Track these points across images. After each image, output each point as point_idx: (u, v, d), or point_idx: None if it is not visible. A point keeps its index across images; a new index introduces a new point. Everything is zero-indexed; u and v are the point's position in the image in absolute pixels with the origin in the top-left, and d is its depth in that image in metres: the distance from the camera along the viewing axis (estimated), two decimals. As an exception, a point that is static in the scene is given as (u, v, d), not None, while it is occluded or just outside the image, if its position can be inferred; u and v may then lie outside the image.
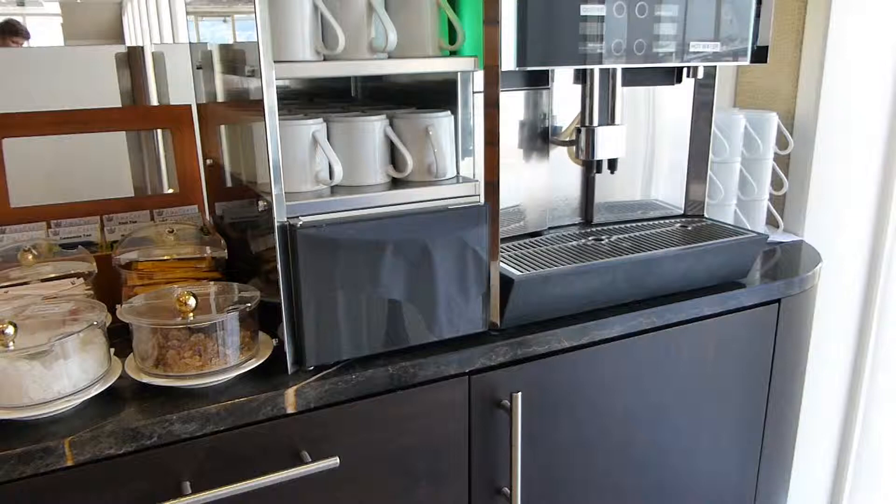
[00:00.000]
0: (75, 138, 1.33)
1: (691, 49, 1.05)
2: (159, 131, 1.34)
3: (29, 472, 0.74)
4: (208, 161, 1.25)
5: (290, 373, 0.88)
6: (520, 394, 0.97)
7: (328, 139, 0.92)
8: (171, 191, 1.37)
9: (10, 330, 0.76)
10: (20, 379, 0.76)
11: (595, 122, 1.08)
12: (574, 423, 1.07)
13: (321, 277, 0.86)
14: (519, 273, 0.99)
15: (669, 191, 1.29)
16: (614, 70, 1.08)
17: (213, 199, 1.29)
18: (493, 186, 0.97)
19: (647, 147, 1.24)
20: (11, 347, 0.76)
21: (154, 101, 1.34)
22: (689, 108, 1.24)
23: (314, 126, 0.91)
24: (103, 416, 0.79)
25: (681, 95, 1.24)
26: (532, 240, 1.14)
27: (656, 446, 1.17)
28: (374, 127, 0.94)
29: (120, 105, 1.33)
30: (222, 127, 1.16)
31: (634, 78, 1.16)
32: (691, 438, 1.20)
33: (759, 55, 1.11)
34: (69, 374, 0.79)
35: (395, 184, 0.96)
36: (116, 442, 0.77)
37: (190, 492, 0.81)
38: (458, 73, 0.96)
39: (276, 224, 0.85)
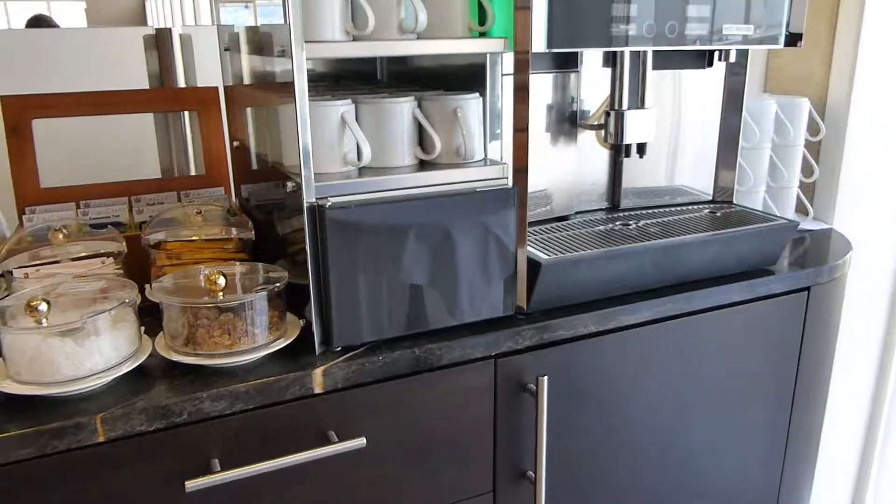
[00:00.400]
0: (103, 120, 1.34)
1: (723, 32, 1.03)
2: (186, 113, 1.34)
3: (62, 447, 0.75)
4: (235, 143, 1.25)
5: (317, 353, 0.89)
6: (546, 378, 0.97)
7: (356, 120, 0.92)
8: (197, 173, 1.37)
9: (43, 307, 0.77)
10: (53, 355, 0.77)
11: (624, 106, 1.06)
12: (599, 408, 1.07)
13: (349, 258, 0.86)
14: (546, 257, 0.98)
15: (697, 177, 1.27)
16: (645, 53, 1.06)
17: (239, 181, 1.29)
18: (522, 172, 0.96)
19: (675, 132, 1.23)
20: (45, 324, 0.77)
21: (181, 83, 1.34)
22: (720, 93, 1.22)
23: (343, 107, 0.90)
24: (134, 393, 0.80)
25: (711, 80, 1.22)
26: (558, 224, 1.14)
27: (680, 434, 1.16)
28: (403, 108, 0.93)
29: (148, 87, 1.33)
30: (250, 109, 1.16)
31: (665, 61, 1.14)
32: (716, 428, 1.19)
33: (793, 39, 1.09)
34: (101, 352, 0.80)
35: (423, 166, 0.96)
36: (147, 419, 0.78)
37: (219, 469, 0.82)
38: (488, 55, 0.95)
39: (304, 205, 0.85)
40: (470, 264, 0.93)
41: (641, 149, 1.10)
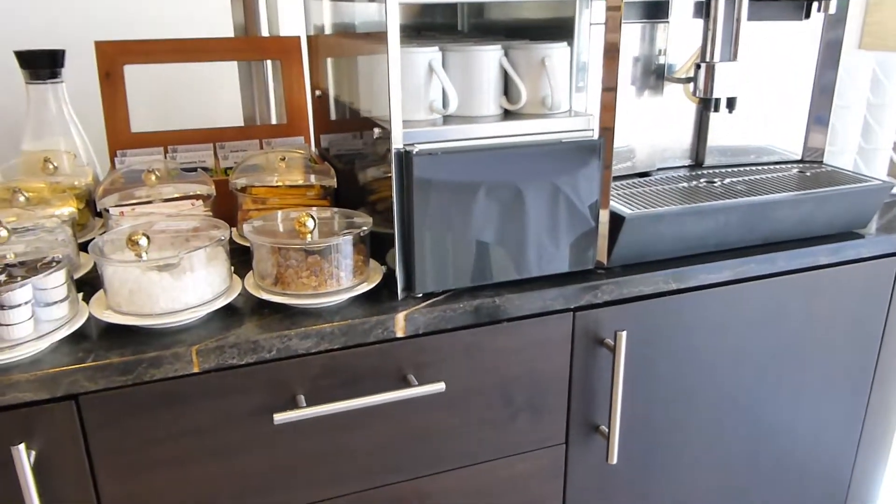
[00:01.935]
0: (188, 68, 1.37)
1: (825, -21, 0.98)
2: (269, 62, 1.36)
3: (159, 375, 0.79)
4: (317, 92, 1.26)
5: (399, 299, 0.90)
6: (625, 332, 0.96)
7: (443, 68, 0.91)
8: (278, 122, 1.39)
9: (143, 241, 0.80)
10: (152, 288, 0.80)
11: (716, 58, 1.03)
12: (675, 366, 1.06)
13: (433, 205, 0.86)
14: (629, 211, 0.97)
15: (786, 136, 1.23)
16: (740, 2, 1.02)
17: (319, 130, 1.31)
18: (609, 132, 0.94)
19: (765, 88, 1.19)
20: (144, 258, 0.80)
21: (265, 33, 1.36)
22: (815, 47, 1.17)
23: (431, 54, 0.90)
24: (226, 329, 0.83)
25: (807, 33, 1.17)
26: (641, 180, 1.12)
27: (755, 398, 1.14)
28: (490, 57, 0.93)
29: (233, 35, 1.35)
30: (333, 58, 1.17)
31: (760, 11, 1.10)
32: (793, 393, 1.17)
33: (899, -11, 1.03)
34: (195, 287, 0.82)
35: (507, 116, 0.95)
36: (239, 353, 0.81)
37: (305, 405, 0.84)
38: (577, 2, 0.93)
39: (392, 150, 0.85)
40: (552, 216, 0.92)
41: (731, 103, 1.06)
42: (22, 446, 0.74)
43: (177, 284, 0.81)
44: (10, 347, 0.75)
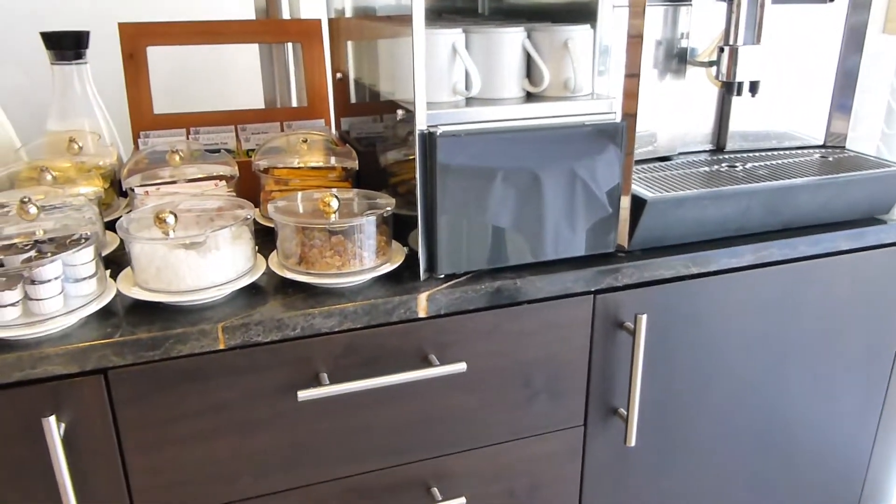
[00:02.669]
0: (210, 50, 1.38)
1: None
2: (290, 45, 1.36)
3: (185, 351, 0.80)
4: (338, 75, 1.27)
5: (422, 279, 0.91)
6: (645, 316, 0.97)
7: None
8: (299, 104, 1.40)
9: (170, 219, 0.81)
10: (179, 266, 0.81)
11: (739, 41, 1.02)
12: (693, 350, 1.06)
13: (456, 186, 0.87)
14: (651, 194, 0.97)
15: (808, 121, 1.22)
16: (765, -15, 1.02)
17: (339, 113, 1.31)
18: (632, 118, 0.94)
19: (788, 72, 1.18)
20: (172, 236, 0.81)
21: (286, 15, 1.36)
22: (839, 31, 1.16)
23: (454, 36, 0.90)
24: (251, 307, 0.84)
25: (831, 17, 1.16)
26: (662, 164, 1.12)
27: (774, 383, 1.14)
28: (513, 38, 0.93)
29: (254, 18, 1.36)
30: (355, 40, 1.17)
31: (785, -5, 1.10)
32: (811, 380, 1.17)
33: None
34: (221, 265, 0.83)
35: (530, 98, 0.95)
36: (264, 330, 0.82)
37: (328, 382, 0.85)
38: (601, -17, 0.93)
39: (416, 132, 0.86)
40: (573, 199, 0.92)
41: (754, 87, 1.06)
42: (52, 418, 0.75)
43: (203, 262, 0.82)
44: (40, 322, 0.76)
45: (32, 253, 0.78)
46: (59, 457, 0.76)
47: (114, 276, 0.87)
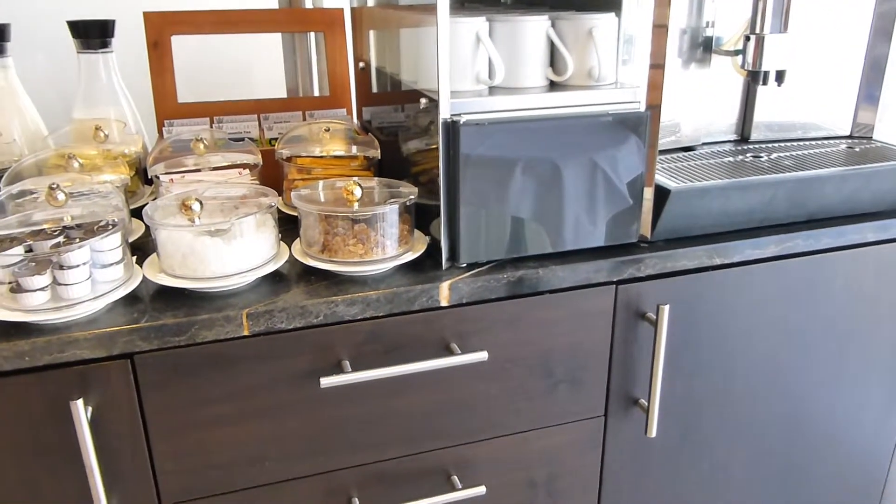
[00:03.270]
0: (233, 40, 1.38)
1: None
2: (312, 34, 1.37)
3: (210, 337, 0.81)
4: (360, 64, 1.27)
5: (444, 268, 0.91)
6: (667, 307, 0.96)
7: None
8: (321, 94, 1.40)
9: (196, 206, 0.82)
10: (204, 252, 0.82)
11: (766, 30, 1.01)
12: (715, 342, 1.06)
13: (479, 175, 0.87)
14: (675, 185, 0.96)
15: (835, 110, 1.21)
16: (792, -27, 1.01)
17: (361, 103, 1.32)
18: (656, 109, 0.93)
19: (815, 61, 1.16)
20: (198, 223, 0.82)
21: (309, 4, 1.37)
22: (868, 20, 1.15)
23: (478, 24, 0.90)
24: (275, 294, 0.84)
25: (858, 4, 1.14)
26: (685, 154, 1.11)
27: (796, 375, 1.13)
28: (537, 27, 0.92)
29: (277, 7, 1.36)
30: (377, 29, 1.17)
31: (813, -18, 1.08)
32: (834, 373, 1.16)
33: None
34: (245, 253, 0.84)
35: (553, 87, 0.95)
36: (287, 317, 0.82)
37: (350, 370, 0.86)
38: (626, -29, 0.93)
39: (440, 120, 0.86)
40: (596, 188, 0.92)
41: (780, 76, 1.05)
42: (80, 401, 0.76)
43: (228, 249, 0.83)
44: (68, 306, 0.77)
45: (61, 239, 0.79)
46: (87, 439, 0.77)
47: (139, 262, 0.88)
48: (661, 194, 0.95)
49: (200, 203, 0.82)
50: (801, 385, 1.15)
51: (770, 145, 1.15)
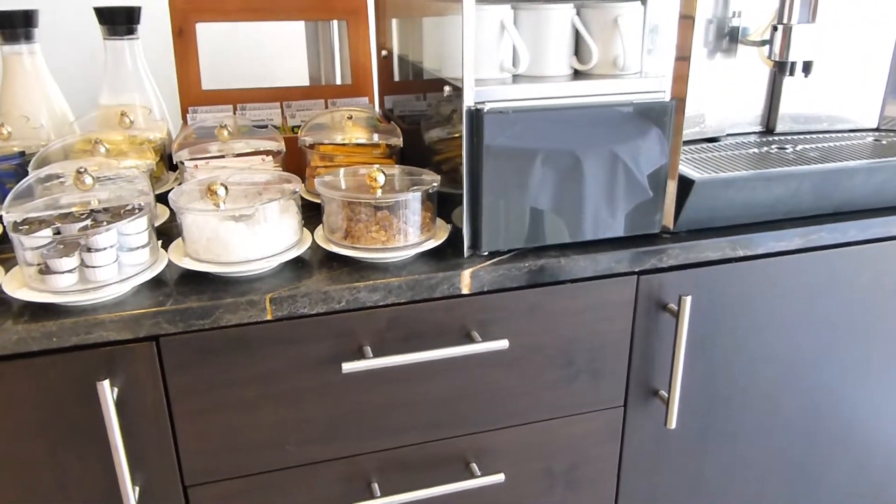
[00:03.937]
0: (256, 27, 1.39)
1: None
2: (335, 22, 1.37)
3: (234, 321, 0.82)
4: (383, 52, 1.27)
5: (465, 256, 0.91)
6: (689, 298, 0.96)
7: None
8: (343, 82, 1.40)
9: (221, 191, 0.82)
10: (229, 237, 0.83)
11: (794, 20, 1.00)
12: (738, 334, 1.05)
13: (503, 163, 0.87)
14: (699, 175, 0.96)
15: (862, 102, 1.19)
16: (822, -38, 1.00)
17: (383, 91, 1.32)
18: (681, 101, 0.93)
19: (842, 52, 1.15)
20: (223, 208, 0.83)
21: (332, -8, 1.37)
22: (898, 11, 1.13)
23: (503, 12, 0.90)
24: (298, 279, 0.85)
25: (889, -4, 1.13)
26: (710, 145, 1.10)
27: (817, 371, 1.13)
28: (562, 15, 0.92)
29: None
30: (400, 17, 1.17)
31: (842, -28, 1.07)
32: (858, 369, 1.15)
33: None
34: (269, 238, 0.85)
35: (577, 76, 0.94)
36: (310, 303, 0.83)
37: (371, 355, 0.86)
38: (653, -41, 0.92)
39: (464, 108, 0.86)
40: (619, 178, 0.92)
41: (808, 67, 1.04)
42: (106, 382, 0.77)
43: (251, 234, 0.83)
44: (95, 289, 0.78)
45: (88, 222, 0.80)
46: (112, 420, 0.78)
47: (164, 247, 0.89)
48: (685, 185, 0.95)
49: (226, 188, 0.83)
50: (824, 380, 1.14)
51: (795, 137, 1.14)
